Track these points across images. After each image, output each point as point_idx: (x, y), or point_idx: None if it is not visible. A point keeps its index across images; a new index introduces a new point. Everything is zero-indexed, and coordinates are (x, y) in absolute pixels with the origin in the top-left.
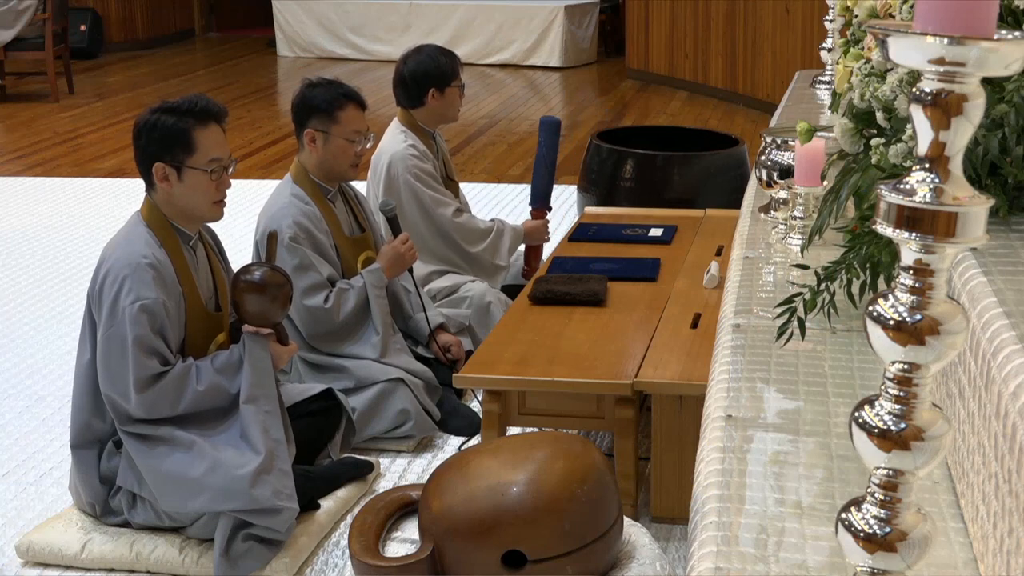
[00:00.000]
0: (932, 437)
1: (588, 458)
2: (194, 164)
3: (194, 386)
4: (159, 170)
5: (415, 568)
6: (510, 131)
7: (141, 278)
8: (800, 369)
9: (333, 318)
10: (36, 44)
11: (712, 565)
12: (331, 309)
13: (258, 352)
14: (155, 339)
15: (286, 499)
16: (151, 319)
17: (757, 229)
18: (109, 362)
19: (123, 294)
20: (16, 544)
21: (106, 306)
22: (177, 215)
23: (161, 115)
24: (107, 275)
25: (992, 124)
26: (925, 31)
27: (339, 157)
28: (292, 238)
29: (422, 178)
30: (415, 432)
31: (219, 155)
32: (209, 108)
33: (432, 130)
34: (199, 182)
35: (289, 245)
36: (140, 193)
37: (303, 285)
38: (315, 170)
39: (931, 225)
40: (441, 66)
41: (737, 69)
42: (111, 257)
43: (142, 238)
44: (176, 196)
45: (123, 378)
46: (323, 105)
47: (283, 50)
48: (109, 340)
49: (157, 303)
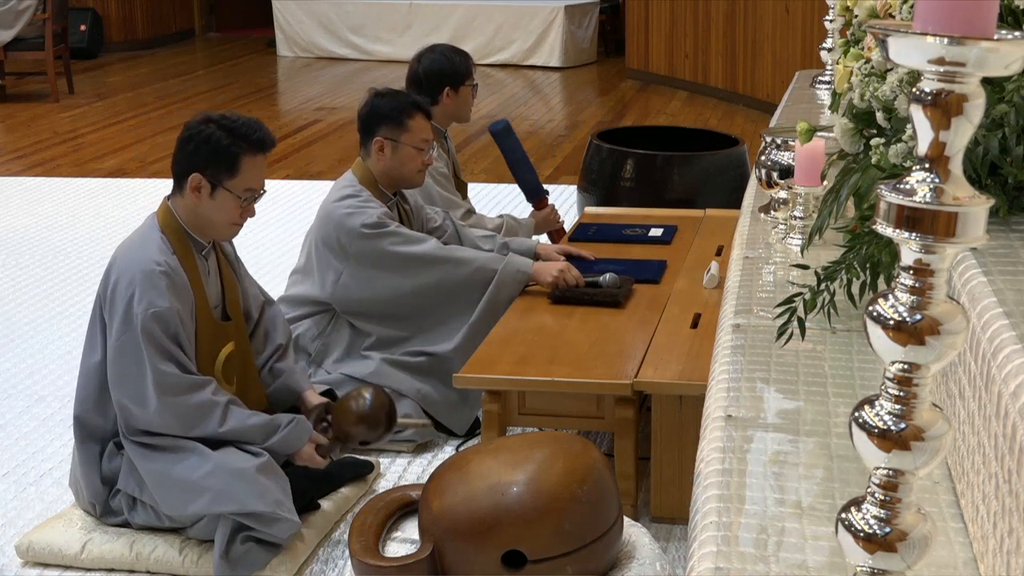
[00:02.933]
0: (932, 437)
1: (588, 458)
2: (231, 187)
3: (215, 426)
4: (195, 180)
5: (415, 568)
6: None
7: (154, 285)
8: (800, 369)
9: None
10: (36, 44)
11: (712, 565)
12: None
13: (293, 442)
14: (171, 345)
15: (287, 511)
16: (164, 326)
17: (757, 229)
18: (123, 369)
19: (136, 301)
20: (16, 544)
21: (119, 312)
22: (195, 225)
23: (218, 129)
24: (119, 280)
25: (992, 124)
26: (925, 31)
27: (407, 164)
28: (379, 218)
29: (436, 179)
30: (415, 436)
31: (256, 186)
32: (264, 140)
33: (444, 129)
34: (228, 204)
35: (376, 225)
36: (139, 193)
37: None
38: (381, 177)
39: (931, 225)
40: (456, 65)
41: (737, 69)
42: (123, 261)
43: (155, 244)
44: (202, 209)
45: (138, 384)
46: (393, 114)
47: (283, 50)
48: (122, 347)
49: (171, 311)
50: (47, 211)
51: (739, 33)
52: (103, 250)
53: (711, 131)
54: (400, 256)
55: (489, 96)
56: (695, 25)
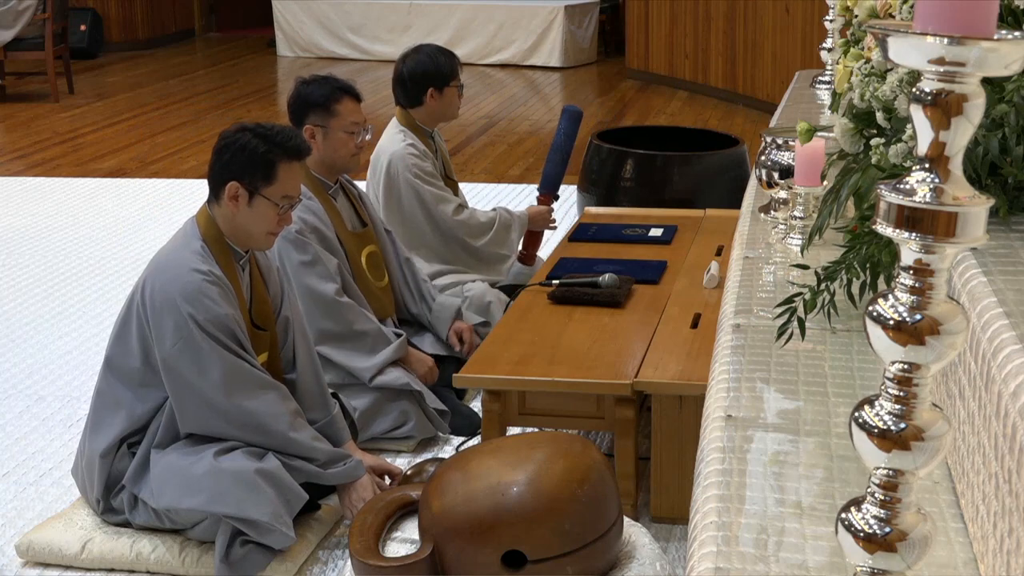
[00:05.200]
0: (932, 437)
1: (588, 458)
2: (269, 195)
3: (284, 428)
4: (232, 189)
5: (415, 568)
6: (510, 131)
7: (207, 294)
8: (800, 369)
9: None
10: (36, 44)
11: (712, 565)
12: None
13: (345, 478)
14: (235, 347)
15: (283, 524)
16: (226, 331)
17: (757, 229)
18: (181, 376)
19: (190, 310)
20: (16, 544)
21: (169, 322)
22: (232, 234)
23: (253, 137)
24: (166, 288)
25: (992, 124)
26: (925, 31)
27: (339, 150)
28: (299, 232)
29: (422, 176)
30: (416, 433)
31: (292, 193)
32: (300, 147)
33: (431, 129)
34: (266, 212)
35: (296, 239)
36: (139, 193)
37: (312, 278)
38: (316, 165)
39: (931, 225)
40: (440, 66)
41: (737, 69)
42: (167, 271)
43: (197, 254)
44: (239, 218)
45: (201, 387)
46: (319, 100)
47: (283, 50)
48: (180, 354)
49: (228, 317)
50: (47, 211)
51: (739, 33)
52: (103, 250)
53: (711, 131)
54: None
55: (489, 96)
56: (695, 25)
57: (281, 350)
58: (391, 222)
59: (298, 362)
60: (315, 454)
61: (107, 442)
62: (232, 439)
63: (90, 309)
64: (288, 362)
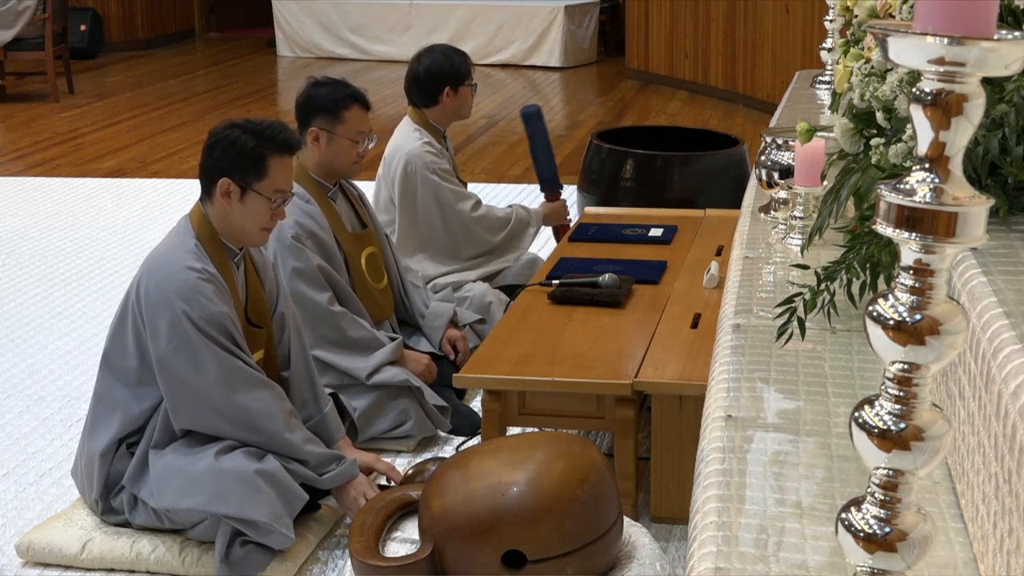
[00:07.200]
0: (932, 437)
1: (588, 458)
2: (260, 190)
3: (280, 428)
4: (224, 185)
5: (415, 568)
6: (510, 131)
7: (201, 291)
8: (800, 369)
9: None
10: (36, 44)
11: (712, 565)
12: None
13: (338, 480)
14: (231, 345)
15: (283, 526)
16: (221, 329)
17: (757, 229)
18: (176, 373)
19: (184, 308)
20: (16, 544)
21: (163, 320)
22: (225, 231)
23: (242, 133)
24: (160, 287)
25: (992, 124)
26: (925, 31)
27: (341, 156)
28: (295, 237)
29: (440, 174)
30: (415, 432)
31: (284, 187)
32: (290, 141)
33: (443, 129)
34: (259, 208)
35: (292, 245)
36: (139, 193)
37: (305, 286)
38: (315, 168)
39: (931, 225)
40: (456, 65)
41: (737, 69)
42: (160, 269)
43: (191, 252)
44: (232, 215)
45: (197, 384)
46: (329, 105)
47: (283, 50)
48: (175, 352)
49: (224, 315)
50: (47, 211)
51: (739, 33)
52: (103, 250)
53: (711, 131)
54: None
55: (489, 96)
56: (695, 25)
57: (277, 347)
58: (403, 220)
59: (292, 359)
60: (307, 456)
61: (105, 442)
62: (226, 436)
63: (90, 309)
64: (284, 359)
